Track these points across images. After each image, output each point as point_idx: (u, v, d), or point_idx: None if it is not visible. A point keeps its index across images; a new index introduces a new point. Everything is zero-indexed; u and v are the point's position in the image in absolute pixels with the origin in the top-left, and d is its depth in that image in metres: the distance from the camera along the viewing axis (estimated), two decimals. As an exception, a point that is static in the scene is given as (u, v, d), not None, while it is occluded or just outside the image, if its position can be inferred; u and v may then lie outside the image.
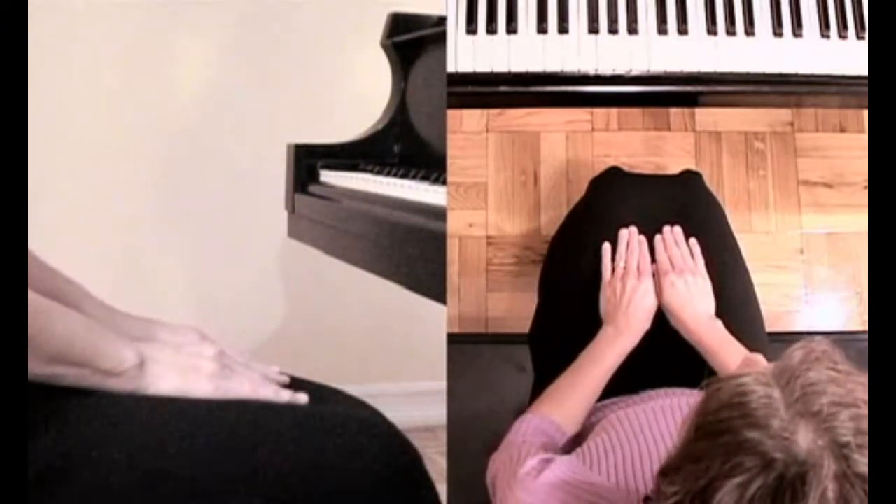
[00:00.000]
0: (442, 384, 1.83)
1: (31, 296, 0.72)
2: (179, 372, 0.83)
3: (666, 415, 1.06)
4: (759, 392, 0.60)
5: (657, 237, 1.32)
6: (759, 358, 0.93)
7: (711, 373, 1.20)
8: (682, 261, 1.28)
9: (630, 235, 1.32)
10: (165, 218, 2.16)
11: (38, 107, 1.34)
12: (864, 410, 0.58)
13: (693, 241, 1.32)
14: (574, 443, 1.12)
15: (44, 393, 0.76)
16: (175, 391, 0.82)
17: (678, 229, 1.33)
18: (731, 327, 1.25)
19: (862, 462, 0.56)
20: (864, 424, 0.57)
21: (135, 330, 0.88)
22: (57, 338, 0.75)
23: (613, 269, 1.30)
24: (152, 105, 2.11)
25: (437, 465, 1.82)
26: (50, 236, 0.93)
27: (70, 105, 2.04)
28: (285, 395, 0.87)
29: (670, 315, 1.26)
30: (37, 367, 0.73)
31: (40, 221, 0.88)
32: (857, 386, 0.60)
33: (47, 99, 1.95)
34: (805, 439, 0.57)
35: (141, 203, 2.13)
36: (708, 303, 1.27)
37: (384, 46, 1.63)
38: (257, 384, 0.86)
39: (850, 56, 1.35)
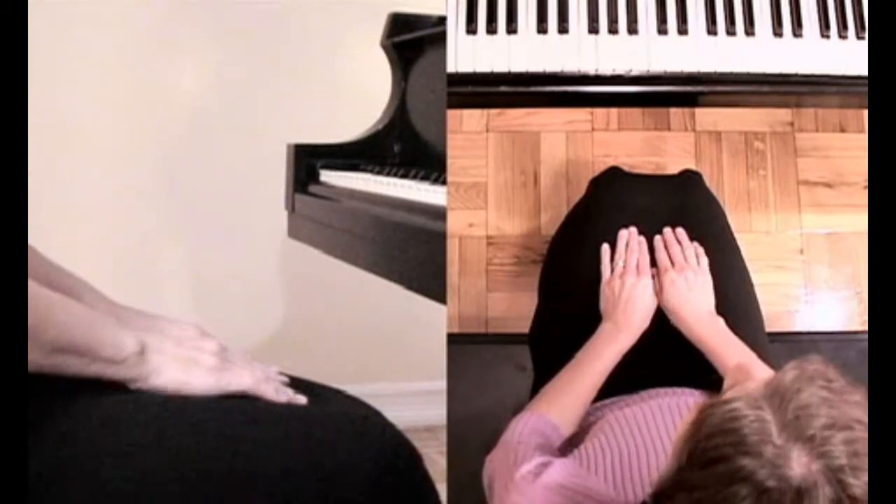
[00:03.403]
0: (442, 384, 1.83)
1: (33, 287, 0.72)
2: (180, 363, 0.83)
3: (664, 413, 1.06)
4: (751, 416, 0.59)
5: (657, 237, 1.32)
6: (751, 363, 0.93)
7: (712, 372, 1.20)
8: (683, 258, 1.28)
9: (630, 235, 1.32)
10: (165, 218, 2.16)
11: (38, 107, 1.34)
12: (859, 432, 0.57)
13: (685, 238, 1.32)
14: (572, 443, 1.12)
15: (43, 394, 0.76)
16: (175, 382, 0.82)
17: (681, 230, 1.33)
18: (730, 327, 1.24)
19: (857, 485, 0.55)
20: (859, 446, 0.57)
21: (136, 323, 0.88)
22: (58, 327, 0.75)
23: (613, 269, 1.30)
24: (152, 105, 2.11)
25: (437, 465, 1.82)
26: (50, 236, 0.93)
27: (70, 106, 2.04)
28: (285, 395, 0.87)
29: (670, 312, 1.25)
30: (39, 358, 0.73)
31: (40, 222, 0.88)
32: (851, 406, 0.59)
33: (48, 99, 1.95)
34: (799, 465, 0.56)
35: (141, 203, 2.13)
36: (709, 301, 1.27)
37: (384, 46, 1.63)
38: (258, 379, 0.86)
39: (850, 56, 1.35)
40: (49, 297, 0.76)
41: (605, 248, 1.32)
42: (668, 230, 1.33)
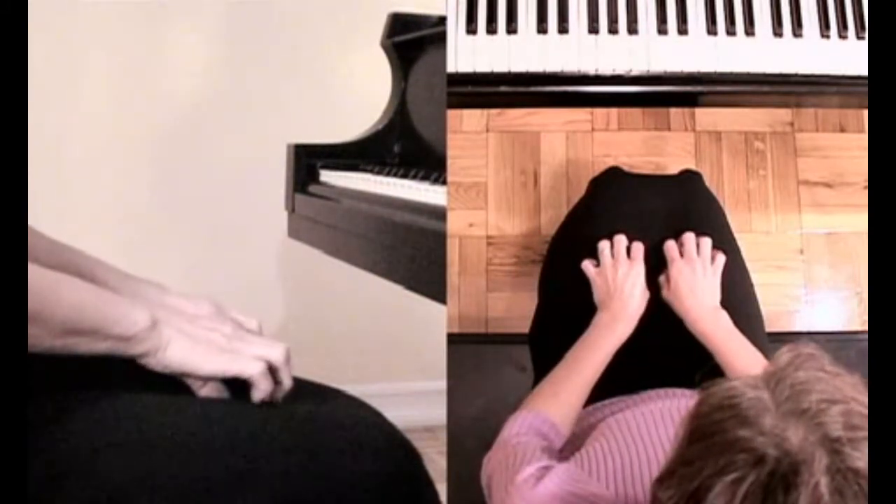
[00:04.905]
0: (442, 384, 1.83)
1: (38, 270, 0.72)
2: (190, 340, 0.82)
3: (665, 419, 1.06)
4: (749, 394, 0.60)
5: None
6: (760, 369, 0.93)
7: (711, 369, 1.20)
8: (693, 251, 1.28)
9: (617, 235, 1.32)
10: (165, 218, 2.16)
11: (38, 106, 1.34)
12: (854, 406, 0.58)
13: (704, 238, 1.32)
14: (572, 445, 1.11)
15: (42, 396, 0.76)
16: (182, 358, 0.81)
17: (702, 238, 1.32)
18: (730, 327, 1.25)
19: (855, 456, 0.56)
20: (855, 420, 0.57)
21: (150, 295, 0.88)
22: (66, 309, 0.74)
23: (602, 259, 1.30)
24: (152, 105, 2.11)
25: (437, 465, 1.82)
26: (49, 236, 0.93)
27: (69, 107, 2.04)
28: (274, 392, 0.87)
29: (675, 301, 1.25)
30: (48, 340, 0.73)
31: (39, 223, 0.88)
32: (846, 384, 0.60)
33: (47, 99, 1.95)
34: (796, 435, 0.57)
35: (140, 203, 2.13)
36: (715, 296, 1.27)
37: (384, 46, 1.63)
38: (261, 372, 0.85)
39: (850, 56, 1.35)
40: (56, 280, 0.75)
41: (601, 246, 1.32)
42: (689, 234, 1.32)
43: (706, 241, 1.30)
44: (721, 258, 1.30)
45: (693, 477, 0.58)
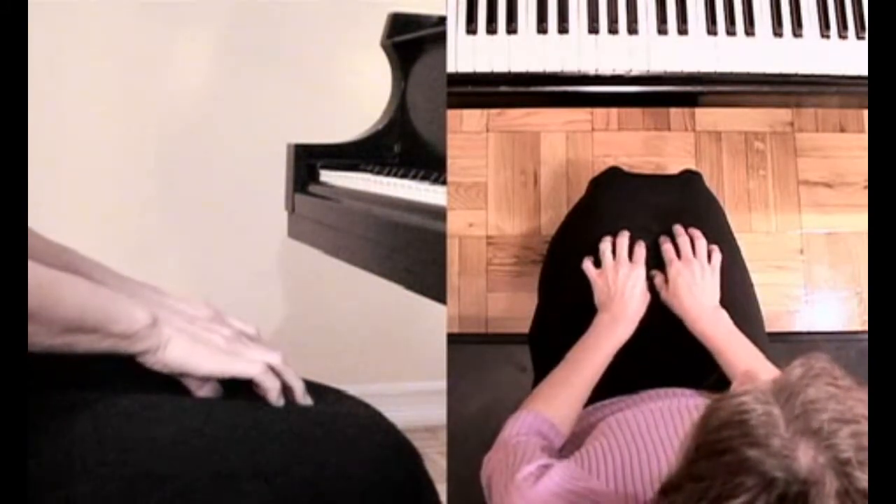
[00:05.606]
0: (442, 384, 1.83)
1: (39, 269, 0.72)
2: (190, 340, 0.82)
3: (665, 418, 1.06)
4: (759, 410, 0.59)
5: (662, 237, 1.32)
6: (761, 368, 0.92)
7: (713, 369, 1.20)
8: (690, 252, 1.28)
9: (619, 236, 1.32)
10: (165, 218, 2.16)
11: (38, 108, 1.34)
12: (865, 426, 0.58)
13: (699, 235, 1.32)
14: (572, 444, 1.11)
15: (42, 395, 0.76)
16: (182, 358, 0.81)
17: (694, 229, 1.33)
18: (730, 327, 1.24)
19: (863, 479, 0.55)
20: (865, 441, 0.57)
21: (148, 298, 0.88)
22: (66, 307, 0.74)
23: (604, 260, 1.30)
24: (152, 105, 2.11)
25: (437, 465, 1.82)
26: (49, 237, 0.93)
27: (69, 106, 2.04)
28: (286, 396, 0.87)
29: (674, 302, 1.25)
30: (48, 339, 0.73)
31: (39, 224, 0.88)
32: (858, 402, 0.60)
33: (47, 100, 1.95)
34: (806, 457, 0.56)
35: (140, 203, 2.13)
36: (714, 296, 1.27)
37: (384, 46, 1.63)
38: (263, 371, 0.85)
39: (850, 56, 1.35)
40: (56, 278, 0.75)
41: (602, 247, 1.32)
42: (678, 226, 1.32)
43: (701, 240, 1.30)
44: (717, 255, 1.30)
45: (701, 495, 0.58)
